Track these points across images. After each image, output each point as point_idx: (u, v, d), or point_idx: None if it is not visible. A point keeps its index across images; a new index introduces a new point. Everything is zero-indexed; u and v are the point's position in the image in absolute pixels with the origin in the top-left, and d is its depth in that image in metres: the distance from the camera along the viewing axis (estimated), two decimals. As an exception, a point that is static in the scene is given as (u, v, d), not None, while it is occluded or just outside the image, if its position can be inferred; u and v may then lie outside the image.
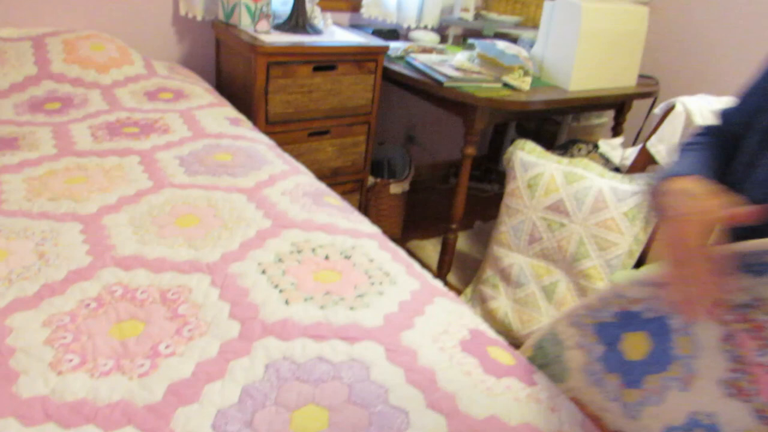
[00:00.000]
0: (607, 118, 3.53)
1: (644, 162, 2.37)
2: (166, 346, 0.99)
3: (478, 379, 0.99)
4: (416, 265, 1.36)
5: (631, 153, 2.61)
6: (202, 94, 2.30)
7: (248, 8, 2.45)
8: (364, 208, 3.01)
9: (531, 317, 2.46)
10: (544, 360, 1.11)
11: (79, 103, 2.06)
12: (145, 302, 1.10)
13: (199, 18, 2.60)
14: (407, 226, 3.27)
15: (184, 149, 1.79)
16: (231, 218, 1.41)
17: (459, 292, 2.85)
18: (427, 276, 1.32)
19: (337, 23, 2.97)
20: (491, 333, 1.18)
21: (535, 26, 3.07)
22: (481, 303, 2.68)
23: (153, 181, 1.57)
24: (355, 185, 2.88)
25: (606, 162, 2.71)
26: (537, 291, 2.48)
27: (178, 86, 2.32)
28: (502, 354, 1.10)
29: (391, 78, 2.69)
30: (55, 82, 2.12)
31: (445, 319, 1.14)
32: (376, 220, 3.07)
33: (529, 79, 2.53)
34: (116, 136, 1.85)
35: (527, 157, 2.48)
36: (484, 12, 3.24)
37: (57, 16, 2.39)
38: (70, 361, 0.95)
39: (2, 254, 1.21)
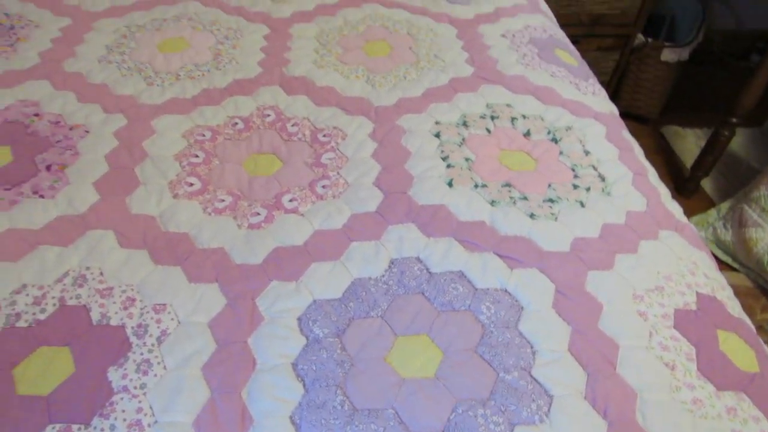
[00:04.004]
0: None
1: None
2: (291, 199, 0.82)
3: (683, 380, 0.64)
4: (652, 174, 0.95)
5: None
6: None
7: None
8: (621, 73, 2.42)
9: (803, 267, 1.84)
10: None
11: None
12: (293, 137, 0.93)
13: None
14: (670, 106, 2.60)
15: (409, -42, 1.48)
16: (427, 55, 1.12)
17: (711, 204, 2.25)
18: (662, 193, 0.92)
19: None
20: (734, 306, 0.78)
21: None
22: (737, 227, 2.09)
23: (360, -10, 1.33)
24: (618, 42, 2.29)
25: None
26: (827, 235, 1.81)
27: None
28: (741, 349, 0.71)
29: None
30: None
31: (665, 268, 0.77)
32: (630, 92, 2.47)
33: None
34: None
35: None
36: None
37: None
38: (191, 185, 0.83)
39: (183, 45, 1.12)
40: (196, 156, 0.88)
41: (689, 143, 2.52)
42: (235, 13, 1.23)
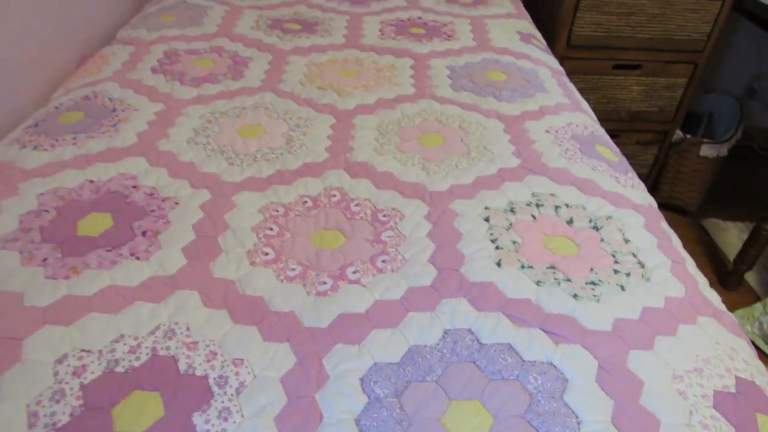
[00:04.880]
0: None
1: None
2: (354, 271, 0.91)
3: (722, 459, 0.68)
4: (690, 263, 1.01)
5: None
6: (503, 2, 2.09)
7: None
8: (660, 167, 2.51)
9: None
10: None
11: (380, -5, 2.06)
12: (356, 216, 1.03)
13: None
14: (710, 200, 2.65)
15: (461, 60, 1.64)
16: (477, 147, 1.23)
17: (756, 298, 2.24)
18: (700, 281, 0.97)
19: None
20: (773, 394, 0.81)
21: None
22: (782, 323, 2.06)
23: (416, 89, 1.47)
24: (656, 137, 2.39)
25: None
26: None
27: (481, -10, 2.14)
28: (779, 434, 0.74)
29: (745, 7, 2.06)
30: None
31: (704, 352, 0.82)
32: (670, 184, 2.54)
33: None
34: (401, 35, 1.79)
35: None
36: None
37: None
38: (266, 254, 0.93)
39: (259, 131, 1.26)
40: (271, 229, 0.99)
41: (731, 236, 2.54)
42: (306, 104, 1.38)
